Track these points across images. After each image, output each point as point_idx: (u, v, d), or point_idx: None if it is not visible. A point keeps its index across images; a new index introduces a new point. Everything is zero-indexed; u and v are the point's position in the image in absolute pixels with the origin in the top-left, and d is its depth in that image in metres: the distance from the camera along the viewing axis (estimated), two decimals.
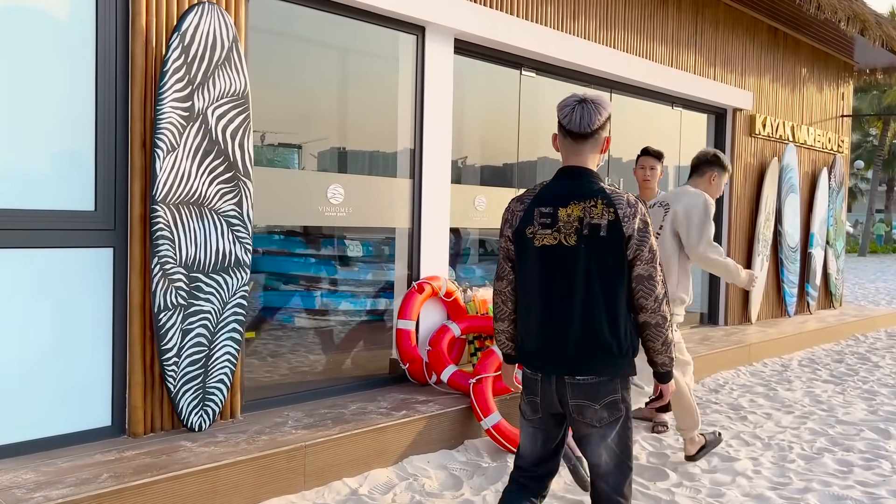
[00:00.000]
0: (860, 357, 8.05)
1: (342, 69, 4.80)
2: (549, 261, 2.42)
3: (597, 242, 2.37)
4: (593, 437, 2.46)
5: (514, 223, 2.51)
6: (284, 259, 4.74)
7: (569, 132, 2.48)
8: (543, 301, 2.44)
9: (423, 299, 5.00)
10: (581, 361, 2.41)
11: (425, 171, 5.14)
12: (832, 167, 10.30)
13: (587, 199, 2.40)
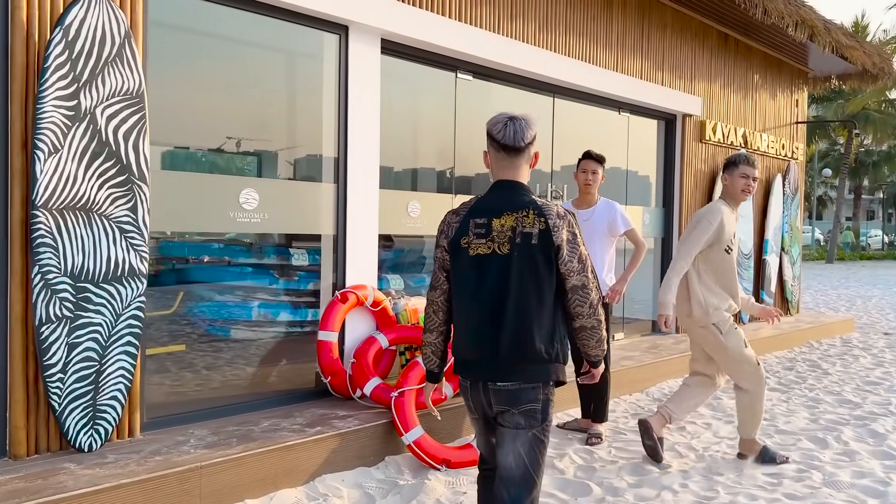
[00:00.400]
0: (811, 364, 7.97)
1: (261, 69, 4.60)
2: (483, 269, 2.52)
3: (528, 250, 2.49)
4: (506, 440, 2.54)
5: (449, 234, 2.60)
6: (221, 269, 4.55)
7: (502, 146, 2.61)
8: (477, 308, 2.52)
9: (346, 309, 4.80)
10: (508, 367, 2.49)
11: (350, 175, 4.95)
12: (786, 173, 10.27)
13: (519, 209, 2.53)
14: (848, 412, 5.88)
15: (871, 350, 8.99)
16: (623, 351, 7.11)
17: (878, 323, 11.70)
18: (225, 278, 4.59)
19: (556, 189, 6.87)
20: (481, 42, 5.74)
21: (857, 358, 8.40)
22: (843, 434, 5.22)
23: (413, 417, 4.33)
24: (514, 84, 6.40)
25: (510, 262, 2.50)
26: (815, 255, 34.63)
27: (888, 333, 10.49)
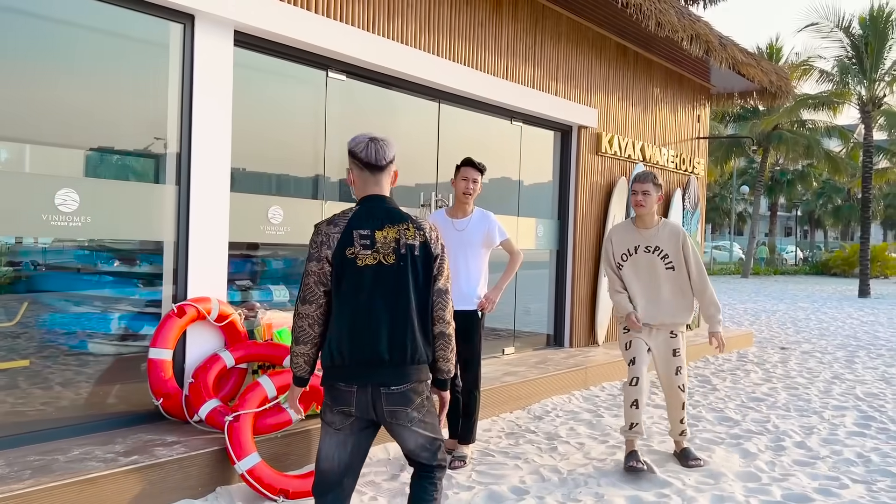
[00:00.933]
0: (702, 380, 7.91)
1: (95, 57, 4.17)
2: (371, 279, 2.66)
3: (412, 261, 2.71)
4: (404, 433, 2.76)
5: (331, 245, 2.67)
6: (63, 277, 4.10)
7: (366, 164, 2.79)
8: (367, 316, 2.65)
9: (183, 324, 4.39)
10: (400, 371, 2.68)
11: (195, 176, 4.55)
12: (686, 188, 10.30)
13: (399, 223, 2.74)
14: (725, 430, 5.76)
15: (764, 365, 9.03)
16: (509, 366, 6.88)
17: (777, 337, 11.87)
18: (68, 287, 4.13)
19: (440, 199, 6.61)
20: (355, 41, 5.43)
21: (748, 373, 8.39)
22: (715, 454, 5.08)
23: (248, 444, 3.95)
24: (394, 87, 6.11)
25: (397, 272, 2.68)
26: (731, 270, 35.56)
27: (784, 348, 10.61)
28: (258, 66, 5.14)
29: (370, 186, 2.81)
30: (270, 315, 4.90)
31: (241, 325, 4.71)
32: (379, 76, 5.88)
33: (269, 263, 6.02)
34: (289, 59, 5.26)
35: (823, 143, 31.23)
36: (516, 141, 7.56)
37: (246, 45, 4.92)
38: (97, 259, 4.34)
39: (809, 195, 50.28)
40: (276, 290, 5.92)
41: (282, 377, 4.27)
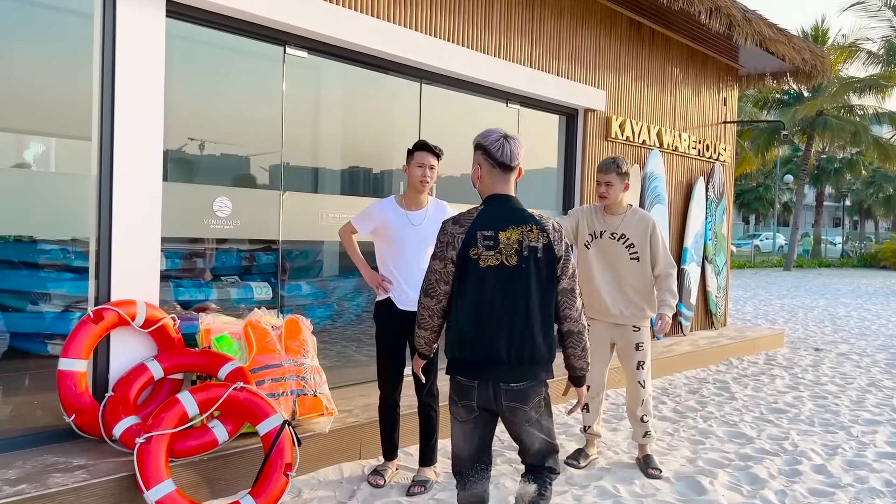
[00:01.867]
0: (721, 386, 7.20)
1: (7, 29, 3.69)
2: (493, 279, 2.72)
3: (535, 262, 2.74)
4: (522, 431, 2.84)
5: (455, 245, 2.74)
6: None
7: (499, 164, 2.82)
8: (486, 316, 2.72)
9: (100, 331, 3.89)
10: (517, 370, 2.75)
11: (119, 164, 4.05)
12: (710, 176, 9.53)
13: (523, 224, 2.77)
14: (735, 450, 5.09)
15: (793, 369, 8.26)
16: None
17: (812, 337, 11.03)
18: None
19: None
20: (316, 13, 4.87)
21: (773, 379, 7.65)
22: (717, 479, 4.42)
23: (160, 470, 3.44)
24: (367, 65, 5.54)
25: (519, 274, 2.73)
26: (773, 263, 34.27)
27: (818, 349, 9.79)
28: (203, 40, 4.62)
29: (498, 185, 2.84)
30: (210, 320, 4.38)
31: (175, 331, 4.21)
32: (348, 53, 5.31)
33: (259, 258, 5.53)
34: (238, 33, 4.72)
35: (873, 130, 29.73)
36: (513, 125, 6.92)
37: (183, 17, 4.39)
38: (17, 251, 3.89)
39: (859, 184, 48.27)
40: (257, 288, 5.43)
41: (207, 392, 3.75)
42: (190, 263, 5.00)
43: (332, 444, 4.40)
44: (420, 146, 4.12)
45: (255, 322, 4.35)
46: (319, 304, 5.86)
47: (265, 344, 4.29)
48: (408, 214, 4.12)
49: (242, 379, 4.01)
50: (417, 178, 4.09)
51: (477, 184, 2.89)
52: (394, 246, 4.10)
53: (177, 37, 4.46)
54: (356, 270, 4.29)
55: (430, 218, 4.16)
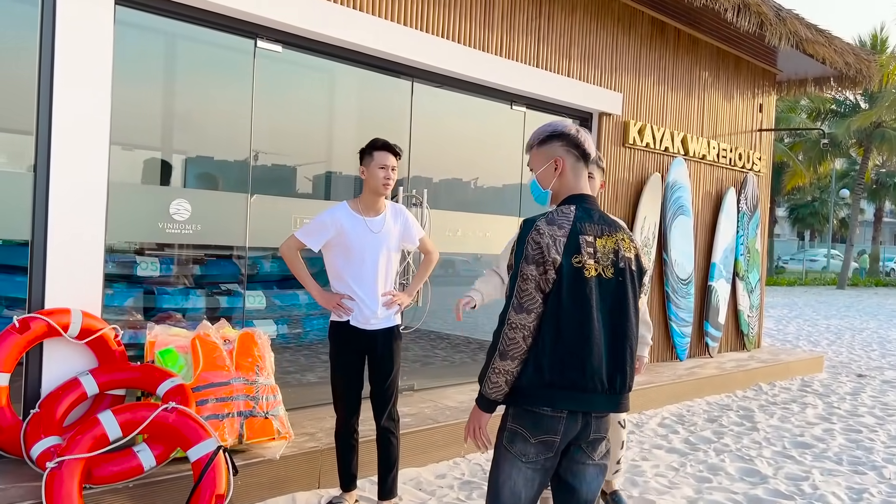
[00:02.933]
0: (745, 414, 6.60)
1: None
2: (594, 293, 2.32)
3: (630, 276, 2.39)
4: (589, 471, 2.40)
5: (558, 249, 2.30)
6: None
7: (584, 155, 2.45)
8: (589, 334, 2.30)
9: (25, 342, 3.58)
10: (614, 400, 2.36)
11: (56, 162, 3.75)
12: (742, 187, 8.91)
13: (616, 231, 2.41)
14: (745, 491, 4.54)
15: (829, 397, 7.58)
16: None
17: (857, 361, 10.25)
18: None
19: (415, 195, 5.63)
20: (291, 5, 4.53)
21: (804, 408, 7.01)
22: None
23: (72, 498, 3.09)
24: (350, 62, 5.18)
25: (617, 288, 2.36)
26: (826, 281, 32.84)
27: (861, 375, 9.05)
28: (164, 31, 4.32)
29: (582, 182, 2.46)
30: (157, 331, 4.05)
31: (116, 343, 3.88)
32: (327, 48, 4.96)
33: (261, 265, 5.23)
34: (204, 25, 4.41)
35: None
36: (518, 129, 6.48)
37: (137, 6, 4.09)
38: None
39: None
40: (250, 297, 5.12)
41: (132, 412, 3.40)
42: (182, 269, 4.74)
43: (287, 471, 4.01)
44: (381, 146, 3.68)
45: (203, 335, 4.00)
46: (318, 314, 5.51)
47: (213, 359, 3.93)
48: (366, 221, 3.68)
49: (182, 397, 3.65)
50: (380, 181, 3.65)
51: (553, 181, 2.45)
52: (352, 257, 3.66)
53: (133, 27, 4.17)
54: None
55: (391, 224, 3.75)
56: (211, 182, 4.66)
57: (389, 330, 3.76)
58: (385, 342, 3.73)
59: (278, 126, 4.89)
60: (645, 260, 2.48)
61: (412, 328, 5.75)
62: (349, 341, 3.70)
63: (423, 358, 5.95)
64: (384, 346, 3.73)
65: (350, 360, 3.72)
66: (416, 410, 5.15)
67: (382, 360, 3.73)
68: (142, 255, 4.58)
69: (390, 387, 3.75)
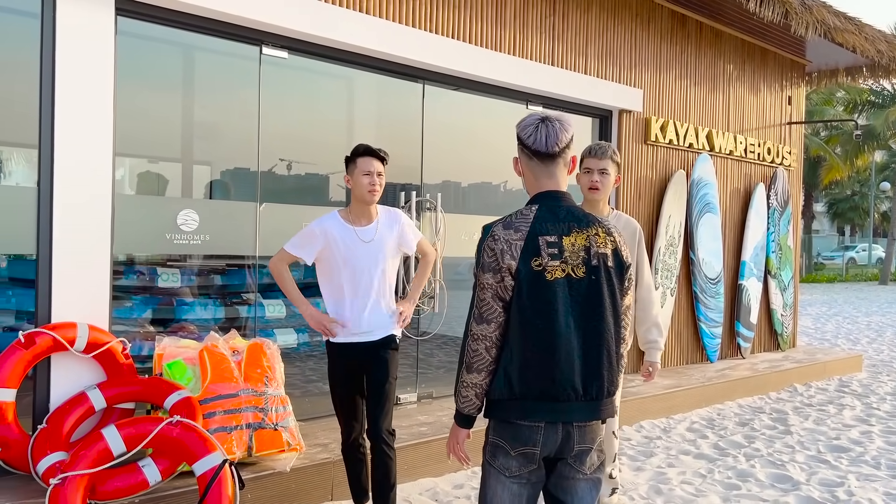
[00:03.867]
0: (778, 417, 6.38)
1: None
2: (562, 296, 2.19)
3: (605, 273, 2.25)
4: (580, 486, 2.28)
5: (514, 254, 2.19)
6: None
7: (535, 153, 2.31)
8: (558, 340, 2.17)
9: (31, 357, 3.56)
10: (592, 406, 2.23)
11: (59, 175, 3.73)
12: (772, 183, 8.65)
13: (587, 227, 2.26)
14: (776, 498, 4.35)
15: (869, 397, 7.30)
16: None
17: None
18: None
19: (429, 199, 5.54)
20: (296, 10, 4.48)
21: (842, 409, 6.75)
22: None
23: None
24: (359, 66, 5.11)
25: (589, 287, 2.21)
26: (868, 276, 31.98)
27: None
28: (169, 39, 4.30)
29: (543, 180, 2.32)
30: (166, 343, 4.01)
31: (123, 356, 3.85)
32: (334, 53, 4.90)
33: None
34: (208, 33, 4.38)
35: None
36: None
37: (138, 16, 4.07)
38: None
39: None
40: (269, 306, 5.08)
41: (135, 426, 3.36)
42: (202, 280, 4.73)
43: (297, 483, 3.94)
44: (363, 151, 3.51)
45: (211, 347, 3.95)
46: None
47: (221, 371, 3.88)
48: (356, 231, 3.51)
49: (188, 410, 3.60)
50: (365, 189, 3.47)
51: (523, 182, 2.40)
52: (343, 269, 3.49)
53: (138, 37, 4.15)
54: None
55: (384, 230, 3.58)
56: (219, 191, 4.62)
57: (385, 341, 3.58)
58: (380, 354, 3.55)
59: (286, 133, 4.84)
60: (626, 253, 2.32)
61: (429, 334, 5.65)
62: (345, 355, 3.56)
63: (446, 364, 5.85)
64: (379, 357, 3.55)
65: (348, 376, 3.57)
66: (433, 419, 5.05)
67: (378, 372, 3.54)
68: (163, 267, 4.58)
69: (385, 400, 3.53)
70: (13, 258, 3.89)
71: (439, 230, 5.53)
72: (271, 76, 4.70)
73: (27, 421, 3.72)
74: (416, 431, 4.70)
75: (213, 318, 4.80)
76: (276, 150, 4.76)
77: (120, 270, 4.38)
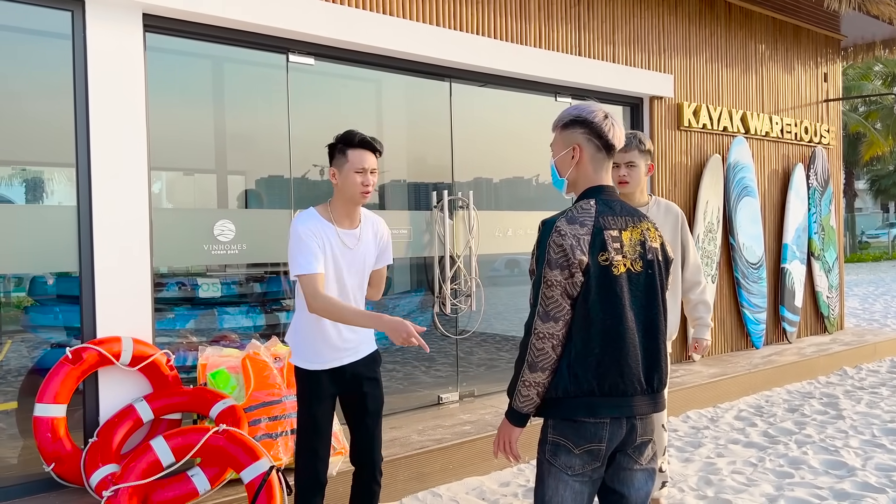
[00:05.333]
0: (828, 402, 6.23)
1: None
2: (625, 291, 2.18)
3: (658, 268, 2.26)
4: (638, 477, 2.26)
5: (584, 249, 2.14)
6: None
7: (606, 145, 2.26)
8: (624, 335, 2.16)
9: (79, 372, 3.63)
10: (654, 399, 2.24)
11: (98, 192, 3.80)
12: (811, 163, 8.46)
13: (640, 221, 2.28)
14: (830, 485, 4.24)
15: None
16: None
17: None
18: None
19: (462, 197, 5.52)
20: (320, 16, 4.50)
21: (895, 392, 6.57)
22: None
23: None
24: (384, 68, 5.11)
25: (647, 282, 2.22)
26: None
27: None
28: (196, 53, 4.34)
29: (603, 174, 2.28)
30: (209, 353, 4.06)
31: (168, 367, 3.90)
32: (359, 56, 4.90)
33: None
34: (231, 44, 4.41)
35: None
36: None
37: (165, 31, 4.12)
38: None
39: None
40: None
41: (183, 436, 3.40)
42: (246, 289, 4.79)
43: (344, 486, 3.95)
44: (357, 142, 2.93)
45: (253, 355, 3.98)
46: None
47: (264, 378, 3.91)
48: (340, 234, 2.97)
49: (233, 418, 3.64)
50: (357, 188, 2.92)
51: (570, 170, 2.28)
52: (332, 277, 2.95)
53: (168, 52, 4.20)
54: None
55: (367, 236, 3.07)
56: (254, 200, 4.66)
57: (373, 358, 3.13)
58: (371, 375, 3.10)
59: (317, 139, 4.86)
60: (670, 249, 2.35)
61: (468, 332, 5.64)
62: (322, 383, 2.99)
63: (487, 362, 5.83)
64: (371, 380, 3.09)
65: (324, 409, 3.00)
66: (476, 417, 5.03)
67: (365, 397, 3.07)
68: (203, 277, 4.64)
69: (380, 426, 3.13)
70: (58, 276, 3.97)
71: (472, 227, 5.51)
72: (299, 83, 4.72)
73: (79, 434, 3.79)
74: (459, 430, 4.69)
75: (255, 325, 4.86)
76: (307, 156, 4.79)
77: (162, 283, 4.46)
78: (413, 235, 5.23)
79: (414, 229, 5.23)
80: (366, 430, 3.11)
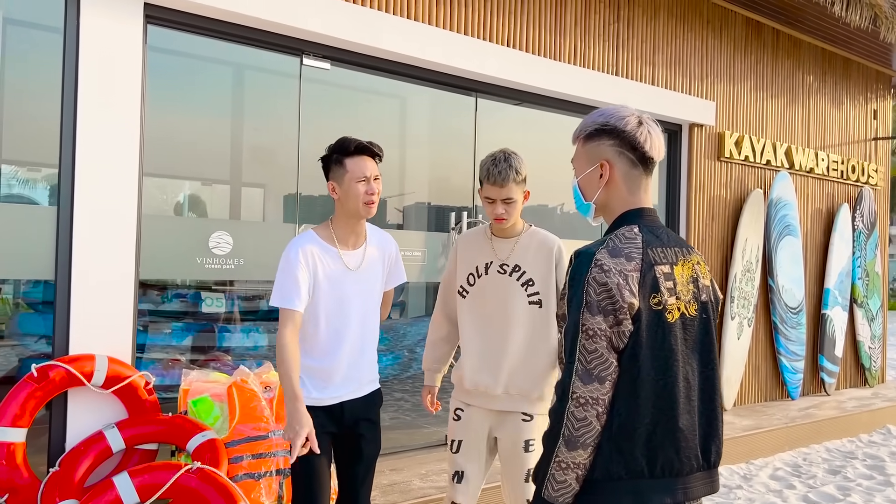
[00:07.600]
0: (873, 463, 5.69)
1: None
2: (679, 342, 1.72)
3: (712, 312, 1.83)
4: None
5: (633, 289, 1.67)
6: None
7: (645, 160, 1.80)
8: (678, 400, 1.70)
9: (43, 392, 3.25)
10: (714, 471, 1.81)
11: (80, 195, 3.44)
12: (857, 203, 7.95)
13: (689, 253, 1.83)
14: None
15: None
16: None
17: None
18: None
19: (481, 221, 5.12)
20: (337, 17, 4.15)
21: None
22: None
23: None
24: (401, 77, 4.75)
25: (702, 330, 1.79)
26: None
27: None
28: (199, 54, 4.01)
29: (639, 194, 1.82)
30: (193, 377, 3.66)
31: (146, 392, 3.51)
32: (379, 63, 4.55)
33: None
34: (239, 42, 4.08)
35: None
36: None
37: (168, 24, 3.79)
38: None
39: None
40: None
41: (150, 474, 3.00)
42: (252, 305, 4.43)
43: None
44: (354, 149, 2.58)
45: (241, 382, 3.58)
46: (384, 350, 5.08)
47: (251, 410, 3.51)
48: (342, 255, 2.64)
49: (213, 455, 3.24)
50: (360, 199, 2.57)
51: (597, 193, 1.83)
52: (328, 304, 2.60)
53: (165, 50, 3.87)
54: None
55: (374, 254, 2.73)
56: (253, 213, 4.30)
57: (374, 397, 2.77)
58: (371, 417, 2.75)
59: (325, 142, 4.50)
60: (717, 286, 1.92)
61: None
62: (318, 420, 2.63)
63: None
64: (370, 422, 2.74)
65: (323, 450, 2.64)
66: None
67: (360, 439, 2.71)
68: (207, 291, 4.29)
69: (367, 476, 2.76)
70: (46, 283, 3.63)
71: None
72: (312, 89, 4.37)
73: (44, 460, 3.41)
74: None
75: (255, 345, 4.48)
76: (317, 167, 4.42)
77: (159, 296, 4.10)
78: (427, 259, 4.83)
79: (429, 252, 4.84)
80: (354, 477, 2.74)
